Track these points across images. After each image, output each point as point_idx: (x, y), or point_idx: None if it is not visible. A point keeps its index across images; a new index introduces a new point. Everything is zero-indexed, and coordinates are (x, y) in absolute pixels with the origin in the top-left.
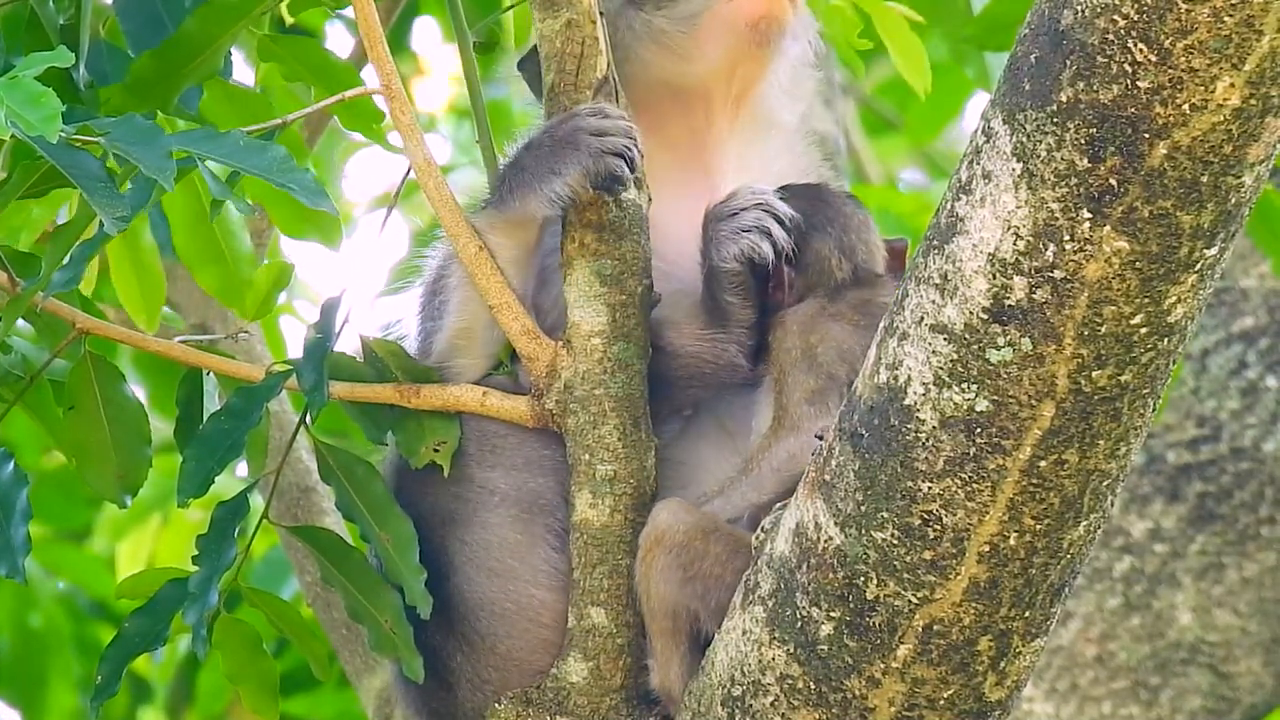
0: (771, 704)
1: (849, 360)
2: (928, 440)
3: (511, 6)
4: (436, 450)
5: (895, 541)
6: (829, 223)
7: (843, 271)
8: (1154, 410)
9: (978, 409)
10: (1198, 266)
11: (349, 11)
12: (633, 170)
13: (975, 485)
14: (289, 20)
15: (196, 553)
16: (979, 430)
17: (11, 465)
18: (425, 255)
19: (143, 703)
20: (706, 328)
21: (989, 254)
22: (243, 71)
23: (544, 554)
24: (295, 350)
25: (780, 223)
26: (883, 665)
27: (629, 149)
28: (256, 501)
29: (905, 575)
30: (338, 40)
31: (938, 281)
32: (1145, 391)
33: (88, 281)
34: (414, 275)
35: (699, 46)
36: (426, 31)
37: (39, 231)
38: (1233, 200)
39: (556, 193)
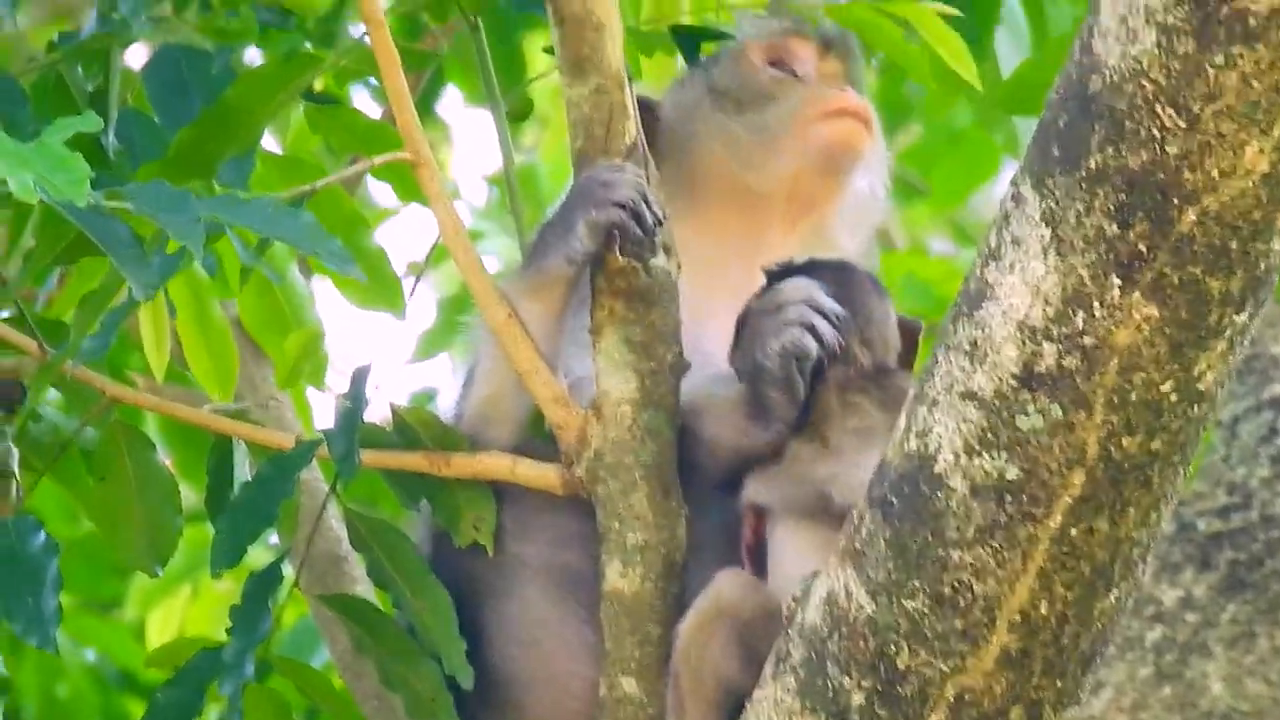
0: None
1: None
2: (958, 508)
3: (543, 74)
4: (477, 528)
5: (926, 610)
6: (855, 313)
7: (864, 362)
8: (1184, 477)
9: (1008, 476)
10: (1227, 333)
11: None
12: (642, 226)
13: (1006, 553)
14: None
15: (230, 624)
16: (1009, 498)
17: (42, 535)
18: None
19: None
20: (749, 421)
21: (1018, 321)
22: (266, 142)
23: (575, 628)
24: (321, 418)
25: (827, 318)
26: None
27: (634, 200)
28: (286, 570)
29: (936, 644)
30: (363, 108)
31: (967, 348)
32: (1176, 459)
33: (160, 360)
34: (446, 344)
35: (770, 160)
36: (453, 99)
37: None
38: (1262, 266)
39: (572, 248)
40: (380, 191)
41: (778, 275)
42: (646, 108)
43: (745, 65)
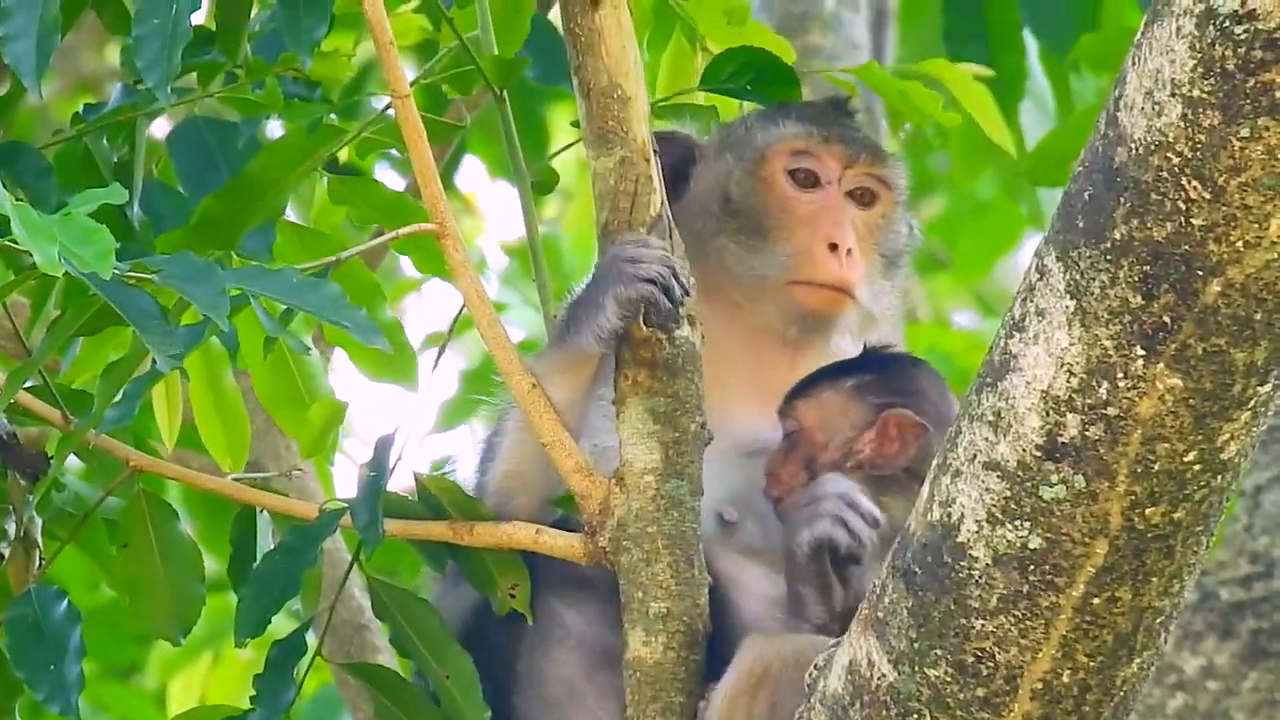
0: None
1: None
2: (981, 577)
3: (567, 146)
4: (513, 595)
5: (948, 679)
6: (920, 406)
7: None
8: (1207, 547)
9: (1031, 546)
10: (1251, 403)
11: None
12: (670, 298)
13: (1028, 623)
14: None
15: (254, 692)
16: (1032, 567)
17: (64, 604)
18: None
19: None
20: (784, 613)
21: (1042, 391)
22: (290, 214)
23: (600, 695)
24: (343, 488)
25: (860, 514)
26: None
27: (663, 275)
28: (309, 638)
29: (958, 713)
30: (385, 180)
31: (991, 419)
32: (1198, 529)
33: (171, 429)
34: (467, 415)
35: (760, 301)
36: (474, 170)
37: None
38: None
39: (601, 326)
40: (407, 263)
41: (830, 374)
42: (686, 146)
43: (764, 177)
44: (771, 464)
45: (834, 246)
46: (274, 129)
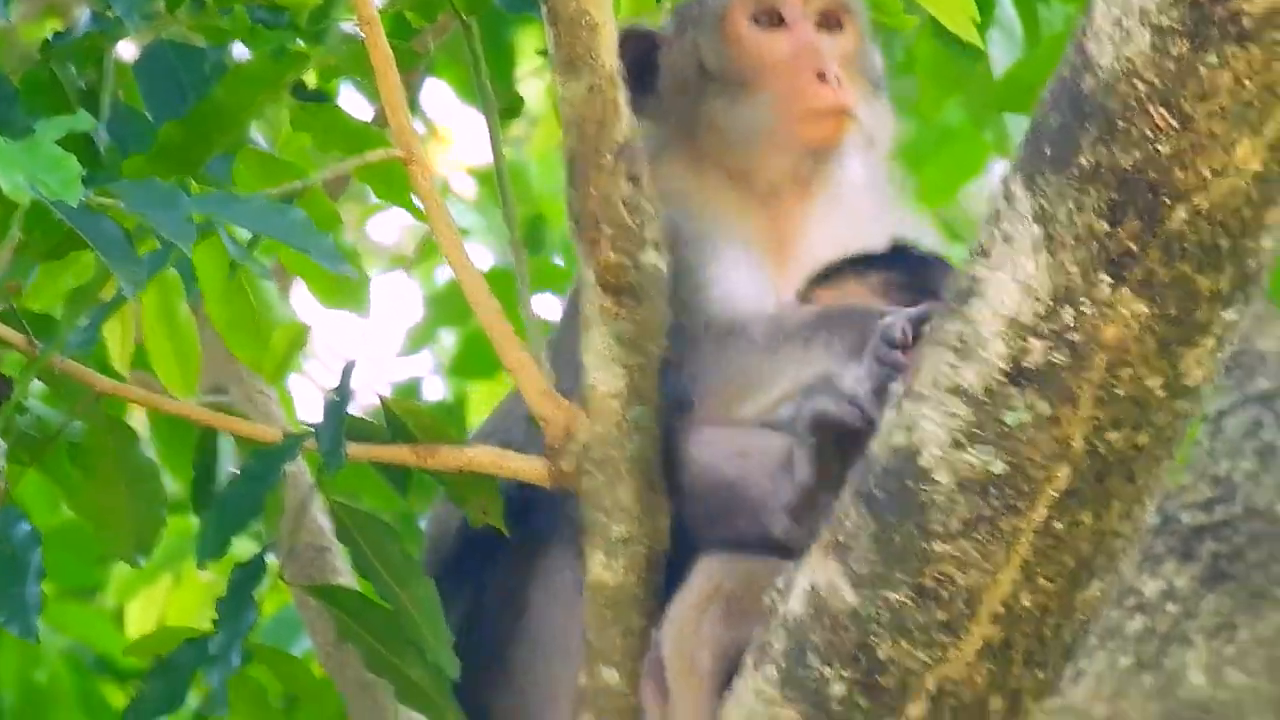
0: None
1: None
2: (943, 502)
3: (533, 73)
4: (486, 513)
5: (909, 602)
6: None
7: None
8: (1169, 471)
9: (993, 470)
10: (1216, 330)
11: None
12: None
13: (989, 546)
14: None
15: (216, 614)
16: (994, 492)
17: (26, 525)
18: None
19: None
20: (780, 470)
21: (1007, 317)
22: (256, 141)
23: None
24: (305, 410)
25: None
26: None
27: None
28: (270, 561)
29: (918, 636)
30: (354, 104)
31: (955, 344)
32: (1160, 453)
33: (124, 353)
34: (431, 339)
35: (761, 155)
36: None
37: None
38: (1251, 264)
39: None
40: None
41: (856, 264)
42: (646, 39)
43: (730, 34)
44: None
45: (821, 75)
46: (241, 54)
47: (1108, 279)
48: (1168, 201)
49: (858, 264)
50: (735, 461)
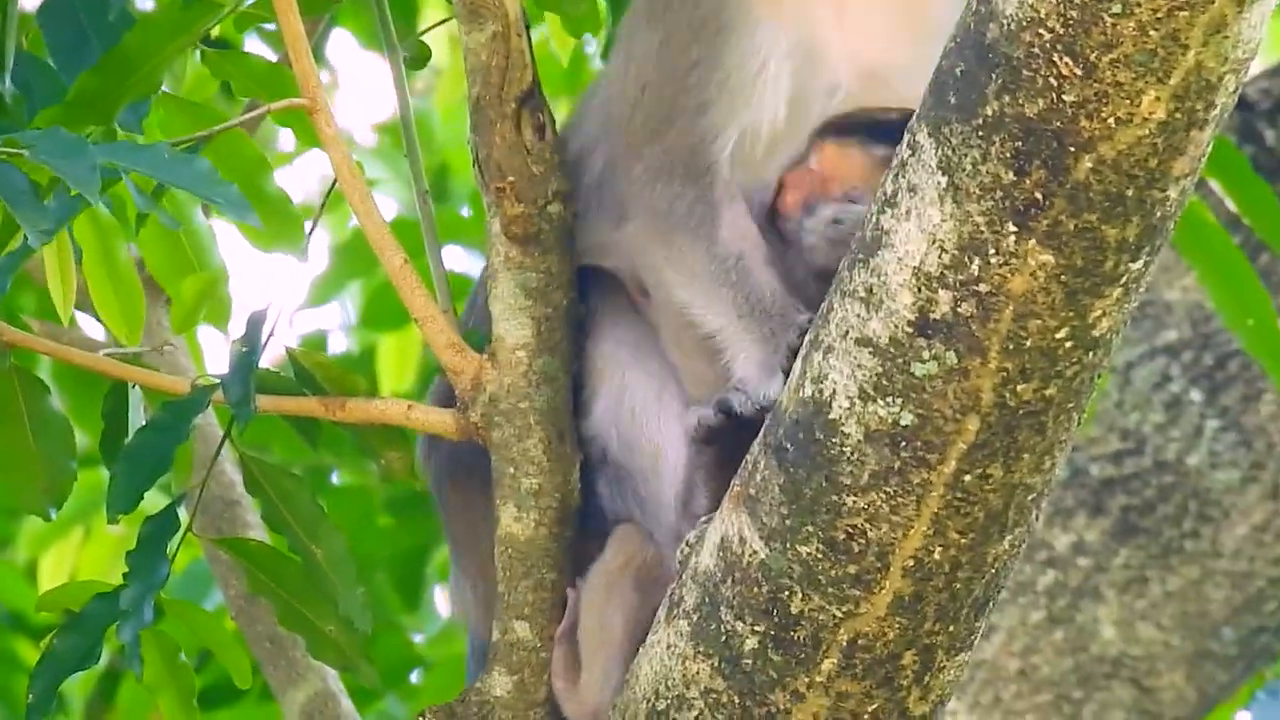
0: (696, 718)
1: None
2: (852, 454)
3: (441, 22)
4: (396, 466)
5: (820, 556)
6: None
7: None
8: (1078, 424)
9: (902, 423)
10: (1123, 280)
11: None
12: None
13: (900, 499)
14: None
15: (127, 569)
16: (904, 444)
17: None
18: None
19: (60, 716)
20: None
21: (914, 268)
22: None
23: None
24: (213, 362)
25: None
26: (807, 679)
27: None
28: (181, 515)
29: (829, 589)
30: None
31: (863, 295)
32: (1070, 405)
33: (66, 299)
34: (338, 290)
35: None
36: (345, 44)
37: None
38: (1158, 214)
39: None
40: (285, 135)
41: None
42: None
43: None
44: (790, 177)
45: None
46: (142, 3)
47: (1014, 229)
48: (1073, 151)
49: (873, 131)
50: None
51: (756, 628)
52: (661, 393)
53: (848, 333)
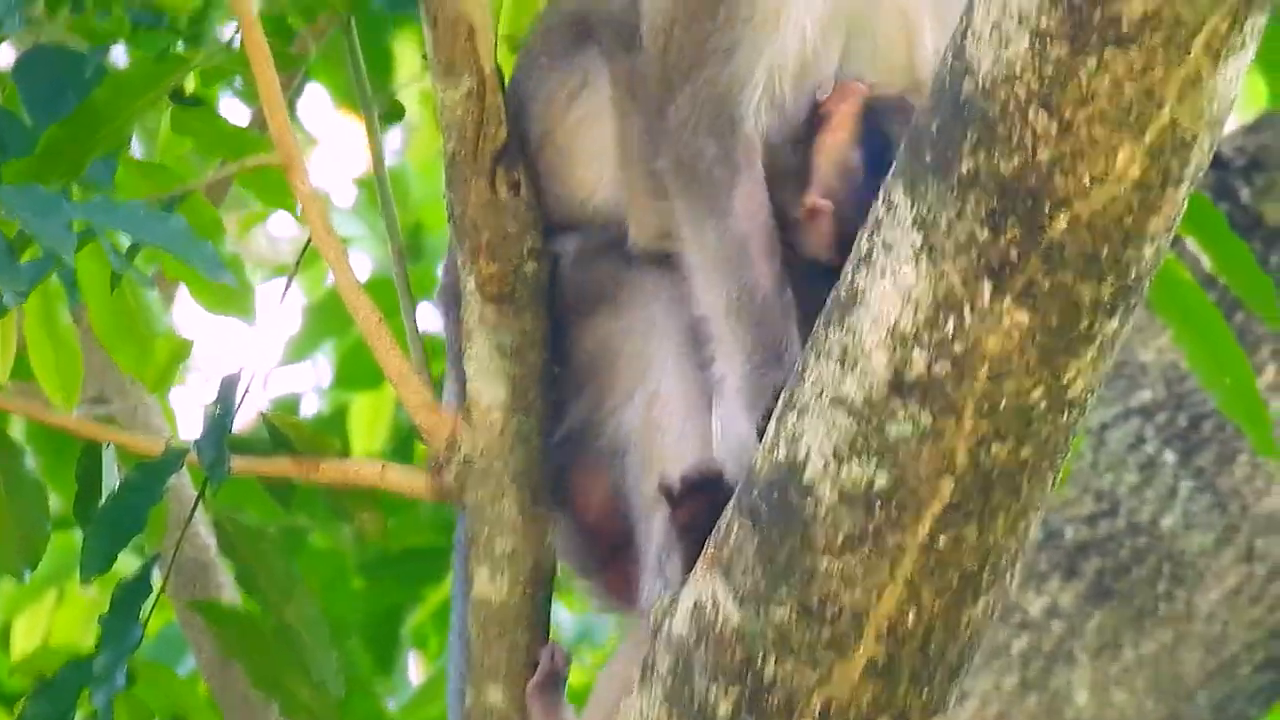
0: None
1: None
2: (826, 516)
3: (416, 78)
4: (369, 527)
5: (794, 620)
6: None
7: None
8: (1053, 485)
9: (877, 484)
10: (1098, 340)
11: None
12: None
13: (874, 562)
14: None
15: (101, 634)
16: (878, 506)
17: None
18: None
19: None
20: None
21: (889, 327)
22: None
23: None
24: (187, 421)
25: None
26: None
27: None
28: (154, 577)
29: (803, 654)
30: (230, 111)
31: (838, 355)
32: (1045, 466)
33: (4, 362)
34: (312, 350)
35: None
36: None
37: None
38: (1133, 273)
39: None
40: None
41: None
42: None
43: None
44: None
45: None
46: (119, 58)
47: (989, 288)
48: (1048, 209)
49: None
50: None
51: (730, 692)
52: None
53: (822, 392)
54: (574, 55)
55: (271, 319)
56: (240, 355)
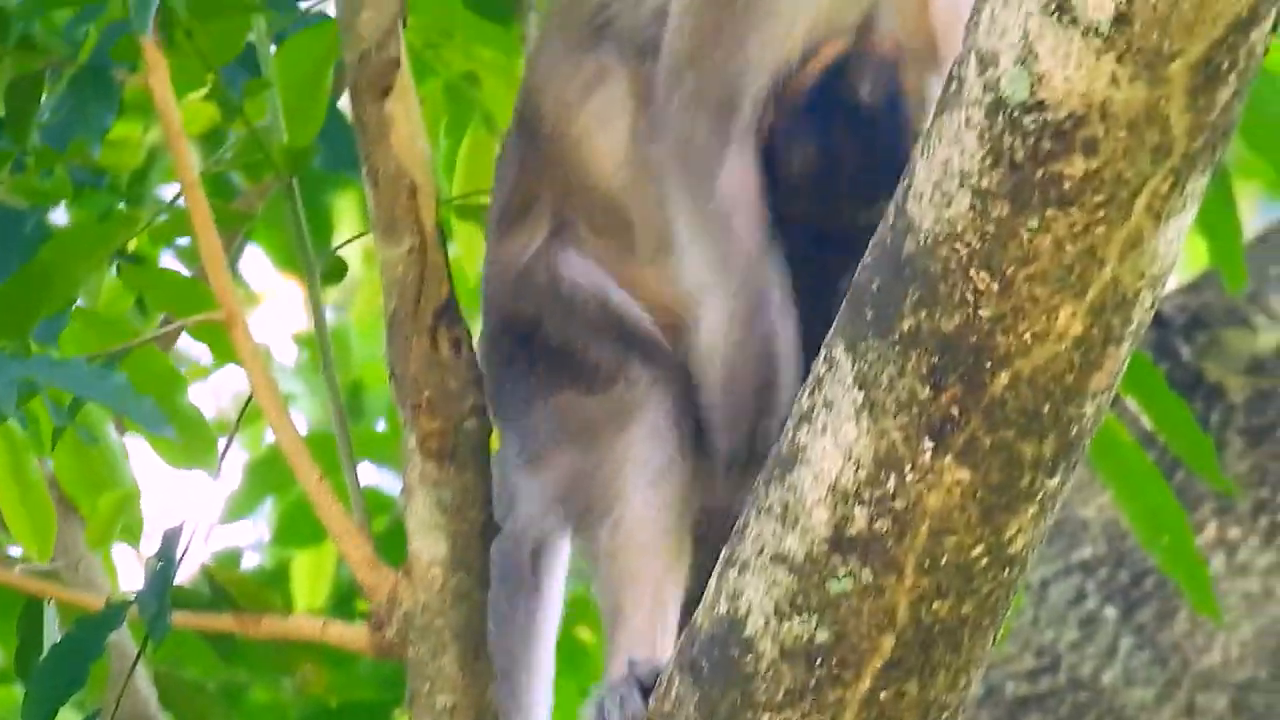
0: None
1: None
2: (767, 671)
3: (357, 236)
4: (312, 679)
5: None
6: None
7: None
8: (994, 641)
9: (818, 640)
10: (1039, 497)
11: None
12: None
13: (815, 717)
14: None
15: None
16: (819, 661)
17: None
18: None
19: None
20: None
21: (830, 484)
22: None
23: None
24: (130, 578)
25: None
26: None
27: None
28: None
29: None
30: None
31: (779, 512)
32: (986, 622)
33: None
34: (254, 507)
35: None
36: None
37: None
38: (1074, 430)
39: None
40: (201, 349)
41: None
42: None
43: None
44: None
45: None
46: (58, 216)
47: (930, 445)
48: (990, 367)
49: None
50: None
51: None
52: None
53: (763, 549)
54: (592, 48)
55: (213, 475)
56: (182, 510)
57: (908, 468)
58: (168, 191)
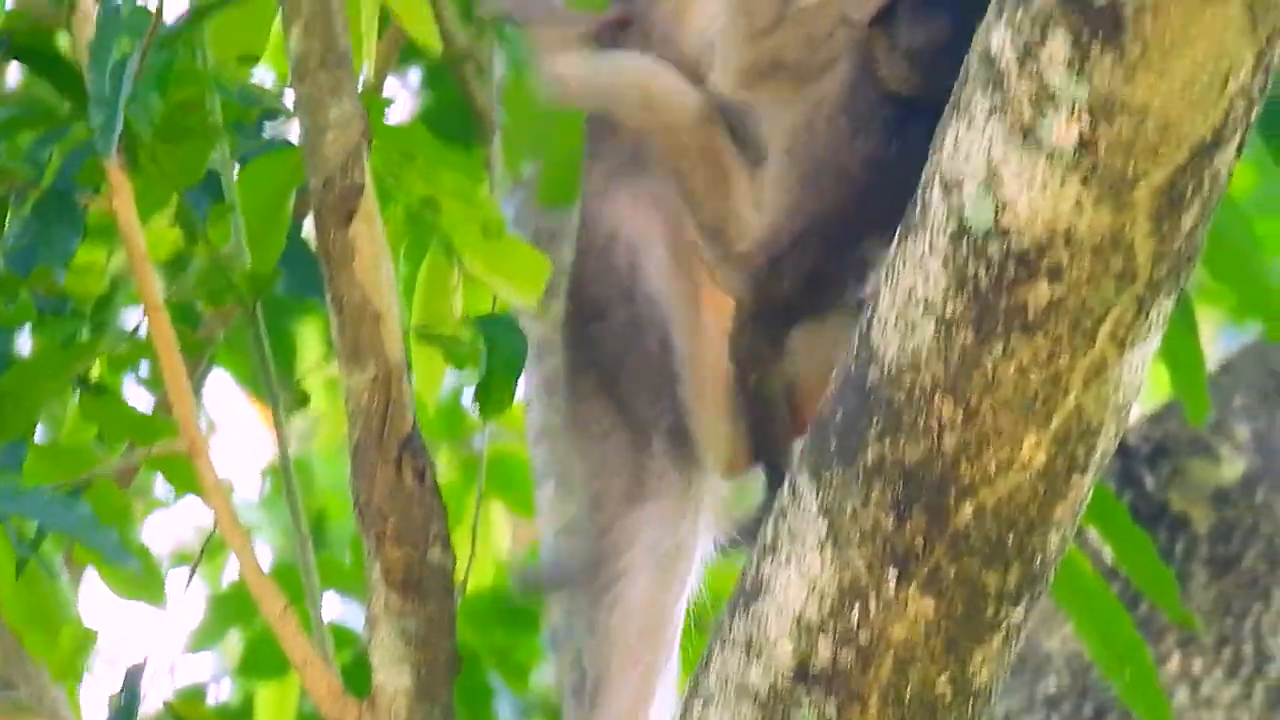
0: None
1: None
2: None
3: (321, 364)
4: None
5: None
6: None
7: None
8: None
9: None
10: (1004, 628)
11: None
12: None
13: None
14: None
15: None
16: None
17: None
18: None
19: None
20: None
21: (794, 616)
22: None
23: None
24: (92, 712)
25: None
26: None
27: None
28: None
29: None
30: (135, 397)
31: (743, 644)
32: None
33: None
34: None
35: None
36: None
37: None
38: (1038, 560)
39: None
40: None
41: None
42: None
43: None
44: None
45: None
46: (21, 343)
47: (895, 575)
48: (954, 497)
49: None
50: None
51: None
52: None
53: (728, 681)
54: None
55: (176, 607)
56: (145, 643)
57: (872, 599)
58: (130, 317)
